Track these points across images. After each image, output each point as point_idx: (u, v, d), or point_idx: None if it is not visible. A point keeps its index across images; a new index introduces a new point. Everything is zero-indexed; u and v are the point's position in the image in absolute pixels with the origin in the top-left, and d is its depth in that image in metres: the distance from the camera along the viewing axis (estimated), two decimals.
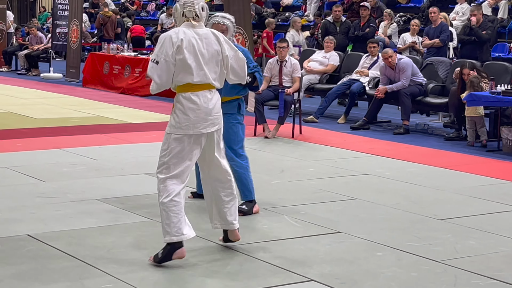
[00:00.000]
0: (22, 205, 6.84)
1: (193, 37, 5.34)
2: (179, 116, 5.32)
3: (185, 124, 5.31)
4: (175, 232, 5.27)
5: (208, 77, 5.39)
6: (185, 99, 5.34)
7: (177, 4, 5.47)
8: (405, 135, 11.49)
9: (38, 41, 21.42)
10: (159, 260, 5.29)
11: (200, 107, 5.34)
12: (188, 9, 5.40)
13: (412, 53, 14.93)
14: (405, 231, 6.28)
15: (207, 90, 5.40)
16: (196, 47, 5.33)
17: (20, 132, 10.99)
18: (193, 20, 5.41)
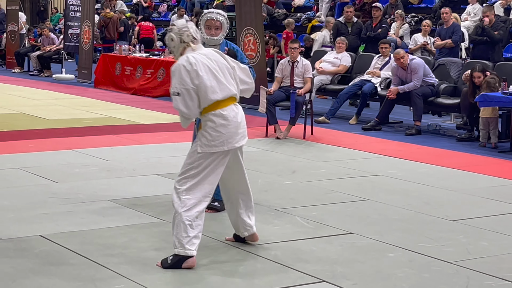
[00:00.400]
0: (34, 205, 6.86)
1: (203, 58, 5.40)
2: (212, 134, 5.35)
3: (219, 141, 5.35)
4: (189, 246, 5.27)
5: (230, 90, 5.46)
6: (215, 116, 5.37)
7: (170, 34, 5.47)
8: (417, 135, 11.47)
9: (50, 42, 21.48)
10: (167, 266, 5.28)
11: (230, 122, 5.41)
12: (186, 34, 5.44)
13: (424, 54, 14.89)
14: (417, 232, 6.27)
15: (233, 104, 5.48)
16: (210, 66, 5.39)
17: (32, 133, 11.02)
18: (192, 43, 5.46)
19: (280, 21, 22.02)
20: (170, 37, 5.48)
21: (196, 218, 5.31)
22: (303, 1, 22.93)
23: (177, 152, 9.42)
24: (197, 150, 5.36)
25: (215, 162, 5.38)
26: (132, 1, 27.75)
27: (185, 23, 5.55)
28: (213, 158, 5.36)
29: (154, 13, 26.79)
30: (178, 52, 5.47)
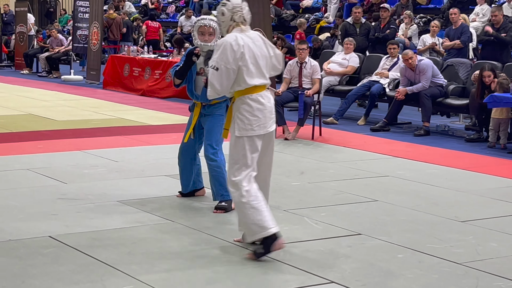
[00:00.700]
0: (43, 206, 6.88)
1: (249, 41, 5.50)
2: (249, 118, 5.45)
3: (256, 124, 5.47)
4: (270, 224, 5.36)
5: (267, 78, 5.60)
6: (252, 100, 5.47)
7: (223, 8, 5.56)
8: (426, 136, 11.45)
9: (58, 44, 21.54)
10: (262, 253, 5.37)
11: (266, 107, 5.54)
12: (238, 14, 5.55)
13: (432, 55, 14.87)
14: (426, 233, 6.26)
15: (266, 90, 5.60)
16: (254, 51, 5.50)
17: (41, 134, 11.05)
18: (242, 24, 5.57)
19: (288, 22, 22.05)
20: (221, 11, 5.57)
21: (260, 198, 5.40)
22: (311, 2, 22.95)
23: None
24: (235, 134, 5.45)
25: (256, 148, 5.48)
26: (140, 2, 27.79)
27: (240, 2, 5.62)
28: (254, 143, 5.47)
29: (162, 14, 26.82)
30: (225, 29, 5.59)
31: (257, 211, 5.36)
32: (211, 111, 6.92)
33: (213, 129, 6.87)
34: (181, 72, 6.93)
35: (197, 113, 7.00)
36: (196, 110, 7.00)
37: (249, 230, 5.46)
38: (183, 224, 6.36)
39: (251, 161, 5.47)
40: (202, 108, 6.97)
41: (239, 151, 5.45)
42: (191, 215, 6.69)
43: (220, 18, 5.61)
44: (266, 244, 5.38)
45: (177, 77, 6.97)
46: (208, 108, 6.93)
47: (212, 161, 6.84)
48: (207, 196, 7.27)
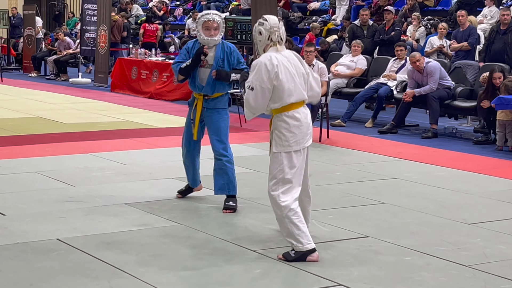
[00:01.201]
0: (52, 209, 6.90)
1: (284, 60, 5.63)
2: (286, 135, 5.60)
3: (293, 140, 5.60)
4: (307, 240, 5.54)
5: (303, 94, 5.72)
6: (289, 117, 5.61)
7: (261, 28, 5.69)
8: (433, 139, 11.44)
9: (66, 47, 21.58)
10: (292, 260, 5.51)
11: (302, 123, 5.65)
12: (276, 34, 5.68)
13: (440, 57, 14.85)
14: (433, 236, 6.25)
15: (303, 106, 5.72)
16: (289, 70, 5.63)
17: (49, 137, 11.07)
18: (278, 44, 5.69)
19: (296, 25, 22.04)
20: (259, 31, 5.71)
21: (298, 214, 5.56)
22: (318, 5, 22.94)
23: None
24: (273, 150, 5.63)
25: (296, 162, 5.62)
26: (148, 6, 27.83)
27: (277, 22, 5.74)
28: (292, 158, 5.60)
29: (170, 17, 26.85)
30: (262, 48, 5.74)
31: (295, 226, 5.53)
32: (214, 104, 6.98)
33: (219, 123, 6.95)
34: (188, 70, 6.93)
35: (199, 107, 7.01)
36: (198, 104, 7.02)
37: (289, 242, 5.60)
38: (191, 227, 6.37)
39: (290, 175, 5.59)
40: (204, 102, 7.00)
41: (277, 166, 5.61)
42: (198, 217, 6.70)
43: (257, 37, 5.73)
44: (301, 254, 5.53)
45: (182, 74, 6.97)
46: (212, 101, 6.98)
47: (224, 156, 6.91)
48: (214, 198, 7.28)
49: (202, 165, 7.37)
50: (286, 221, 5.53)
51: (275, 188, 5.57)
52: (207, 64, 6.91)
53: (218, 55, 6.90)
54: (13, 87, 18.64)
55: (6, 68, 23.94)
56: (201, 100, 7.00)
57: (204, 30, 6.87)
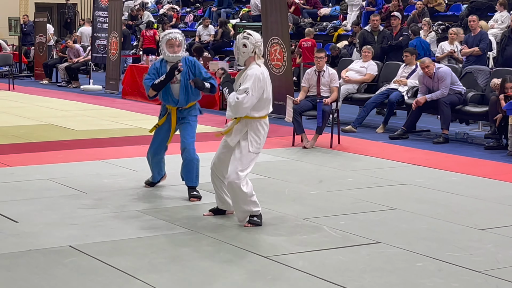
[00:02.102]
0: (64, 216, 6.92)
1: (267, 75, 6.52)
2: (261, 139, 6.56)
3: (263, 143, 6.59)
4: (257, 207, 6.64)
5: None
6: (265, 125, 6.59)
7: (246, 41, 6.46)
8: (445, 144, 11.42)
9: (75, 54, 21.65)
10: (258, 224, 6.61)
11: (268, 129, 6.64)
12: (259, 48, 6.50)
13: (451, 62, 14.83)
14: (445, 241, 6.24)
15: None
16: (268, 83, 6.53)
17: (61, 144, 11.11)
18: (259, 57, 6.53)
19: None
20: (244, 44, 6.47)
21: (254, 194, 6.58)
22: (329, 10, 22.97)
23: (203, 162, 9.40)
24: (249, 150, 6.47)
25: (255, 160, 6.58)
26: (158, 12, 27.91)
27: (260, 38, 6.54)
28: (257, 158, 6.57)
29: (180, 24, 26.91)
30: (244, 58, 6.51)
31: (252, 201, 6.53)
32: (187, 112, 7.77)
33: (191, 129, 7.78)
34: (161, 85, 7.60)
35: (174, 118, 7.76)
36: (173, 115, 7.76)
37: (243, 212, 6.57)
38: (202, 233, 6.38)
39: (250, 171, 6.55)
40: (178, 113, 7.77)
41: (249, 162, 6.49)
42: (209, 223, 6.71)
43: (241, 49, 6.48)
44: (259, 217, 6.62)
45: (155, 89, 7.64)
46: (185, 111, 7.77)
47: (194, 157, 7.71)
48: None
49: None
50: (248, 201, 6.49)
51: (241, 180, 6.42)
52: (176, 81, 7.62)
53: (184, 70, 7.62)
54: (24, 94, 18.72)
55: (18, 76, 24.05)
56: (175, 111, 7.76)
57: (168, 48, 7.56)
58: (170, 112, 7.79)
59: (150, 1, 30.29)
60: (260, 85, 6.39)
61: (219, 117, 13.87)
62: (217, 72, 7.00)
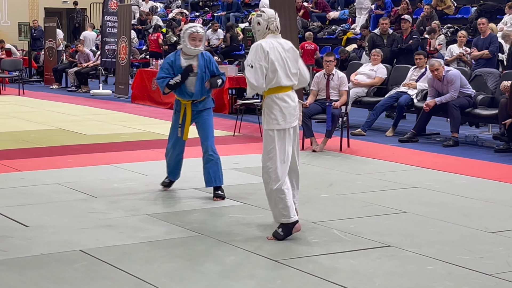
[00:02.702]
0: (74, 220, 6.93)
1: (278, 46, 6.29)
2: (276, 114, 6.23)
3: (281, 119, 6.22)
4: (291, 213, 6.20)
5: (292, 80, 6.35)
6: (278, 99, 6.26)
7: (259, 18, 6.37)
8: (454, 147, 11.40)
9: (85, 58, 21.71)
10: (283, 237, 6.21)
11: (290, 105, 6.30)
12: (273, 24, 6.36)
13: (460, 65, 14.81)
14: (455, 245, 6.23)
15: (291, 90, 6.36)
16: (282, 55, 6.27)
17: (71, 148, 11.14)
18: (275, 32, 6.35)
19: (315, 34, 22.06)
20: (257, 21, 6.38)
21: (286, 190, 6.20)
22: (338, 14, 22.96)
23: None
24: (264, 127, 6.27)
25: (286, 140, 6.25)
26: (167, 17, 27.95)
27: (273, 13, 6.42)
28: (283, 136, 6.23)
29: None
30: (260, 36, 6.37)
31: (282, 200, 6.16)
32: (203, 105, 7.79)
33: (210, 122, 7.81)
34: (176, 87, 7.66)
35: (189, 112, 7.75)
36: (188, 109, 7.75)
37: (275, 214, 6.27)
38: (213, 237, 6.38)
39: (281, 152, 6.20)
40: (193, 106, 7.76)
41: (269, 143, 6.22)
42: (220, 227, 6.71)
43: (256, 27, 6.39)
44: (287, 228, 6.21)
45: (170, 89, 7.70)
46: (200, 103, 7.78)
47: (216, 154, 7.75)
48: (237, 209, 7.31)
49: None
50: (274, 194, 6.16)
51: (270, 164, 6.18)
52: (191, 73, 7.66)
53: (201, 63, 7.67)
54: (34, 99, 18.78)
55: (28, 80, 24.14)
56: (190, 105, 7.77)
57: (191, 40, 7.56)
58: (185, 106, 7.79)
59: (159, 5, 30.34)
60: (264, 54, 6.17)
61: (228, 121, 13.88)
62: None
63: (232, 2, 26.28)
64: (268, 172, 6.22)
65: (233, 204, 7.57)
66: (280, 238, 6.21)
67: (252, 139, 11.91)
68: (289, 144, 6.28)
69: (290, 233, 6.23)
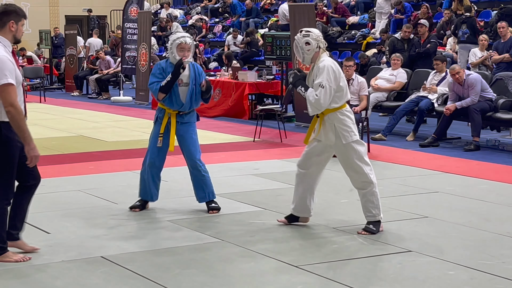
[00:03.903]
0: (95, 227, 6.96)
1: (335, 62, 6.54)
2: (351, 126, 6.55)
3: (356, 131, 6.60)
4: (380, 211, 6.65)
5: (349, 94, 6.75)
6: (349, 112, 6.60)
7: (308, 39, 6.53)
8: (476, 151, 11.34)
9: (106, 65, 21.81)
10: (377, 232, 6.59)
11: (353, 116, 6.65)
12: (322, 41, 6.56)
13: (481, 68, 14.74)
14: (477, 249, 6.20)
15: None
16: (341, 71, 6.56)
17: (91, 155, 11.18)
18: (325, 50, 6.59)
19: (335, 39, 22.04)
20: (306, 41, 6.53)
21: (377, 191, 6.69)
22: (357, 19, 22.91)
23: (233, 172, 9.46)
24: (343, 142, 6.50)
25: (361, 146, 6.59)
26: (187, 23, 28.03)
27: (320, 32, 6.62)
28: (359, 143, 6.57)
29: (209, 34, 27.01)
30: (310, 55, 6.57)
31: (377, 199, 6.66)
32: (188, 118, 7.60)
33: (194, 136, 7.60)
34: (169, 86, 7.38)
35: (173, 122, 7.53)
36: (172, 119, 7.54)
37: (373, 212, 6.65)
38: (233, 243, 6.39)
39: (367, 158, 6.60)
40: (178, 117, 7.55)
41: (355, 154, 6.54)
42: (241, 233, 6.71)
43: (305, 47, 6.54)
44: (378, 225, 6.63)
45: (163, 91, 7.42)
46: (186, 116, 7.58)
47: (200, 167, 7.53)
48: (257, 215, 7.31)
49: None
50: (375, 193, 6.58)
51: (366, 169, 6.53)
52: (182, 83, 7.45)
53: (192, 74, 7.47)
54: (55, 106, 18.88)
55: (49, 88, 24.26)
56: (175, 115, 7.55)
57: (179, 51, 7.38)
58: (170, 116, 7.55)
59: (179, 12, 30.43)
60: (334, 75, 6.45)
61: (248, 126, 13.89)
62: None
63: (252, 7, 26.31)
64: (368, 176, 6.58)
65: (253, 210, 7.57)
66: (376, 232, 6.58)
67: (272, 145, 11.90)
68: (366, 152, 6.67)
69: (378, 230, 6.61)
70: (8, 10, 5.77)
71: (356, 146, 6.54)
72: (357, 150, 6.54)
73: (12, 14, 5.75)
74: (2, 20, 5.73)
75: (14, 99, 5.56)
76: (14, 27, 5.75)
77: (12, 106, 5.56)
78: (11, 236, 5.91)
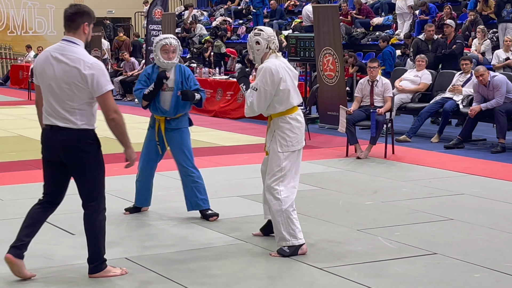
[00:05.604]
0: (119, 228, 6.98)
1: (284, 66, 6.07)
2: (290, 135, 6.05)
3: (295, 140, 6.05)
4: (299, 236, 6.01)
5: (300, 97, 6.17)
6: (292, 119, 6.07)
7: (258, 38, 6.11)
8: (501, 153, 11.25)
9: (131, 67, 21.90)
10: (288, 255, 5.95)
11: (302, 124, 6.14)
12: (273, 42, 6.11)
13: (506, 70, 14.63)
14: (503, 252, 6.15)
15: (299, 108, 6.17)
16: (290, 74, 6.08)
17: (116, 156, 11.11)
18: (276, 51, 6.12)
19: (359, 40, 22.00)
20: (256, 41, 6.12)
21: (294, 211, 6.05)
22: (381, 20, 22.85)
23: (258, 173, 9.38)
24: (277, 150, 6.02)
25: (292, 160, 6.05)
26: (211, 25, 28.08)
27: (273, 32, 6.18)
28: (293, 157, 6.05)
29: (233, 36, 27.03)
30: (260, 55, 6.14)
31: (292, 221, 6.00)
32: (176, 124, 7.36)
33: (184, 142, 7.36)
34: (152, 95, 7.24)
35: (162, 128, 7.37)
36: (161, 125, 7.37)
37: (281, 236, 6.01)
38: (256, 245, 6.38)
39: (289, 173, 6.03)
40: (166, 123, 7.36)
41: (278, 164, 6.02)
42: (265, 236, 6.69)
43: (255, 46, 6.13)
44: (294, 249, 6.00)
45: (146, 99, 7.29)
46: (173, 121, 7.35)
47: (193, 173, 7.35)
48: None
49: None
50: (284, 215, 5.97)
51: (276, 184, 5.99)
52: (167, 88, 7.25)
53: (177, 78, 7.26)
54: None
55: None
56: (163, 121, 7.36)
57: (163, 53, 7.20)
58: (159, 122, 7.40)
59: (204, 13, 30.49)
60: (272, 78, 5.93)
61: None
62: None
63: (276, 9, 26.31)
64: (276, 193, 5.99)
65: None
66: (286, 255, 5.97)
67: None
68: (298, 168, 6.14)
69: (296, 254, 5.99)
70: (82, 10, 5.35)
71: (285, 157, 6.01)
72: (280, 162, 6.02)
73: (86, 15, 5.35)
74: (76, 21, 5.33)
75: (116, 105, 5.48)
76: (87, 29, 5.38)
77: (116, 113, 5.50)
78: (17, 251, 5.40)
